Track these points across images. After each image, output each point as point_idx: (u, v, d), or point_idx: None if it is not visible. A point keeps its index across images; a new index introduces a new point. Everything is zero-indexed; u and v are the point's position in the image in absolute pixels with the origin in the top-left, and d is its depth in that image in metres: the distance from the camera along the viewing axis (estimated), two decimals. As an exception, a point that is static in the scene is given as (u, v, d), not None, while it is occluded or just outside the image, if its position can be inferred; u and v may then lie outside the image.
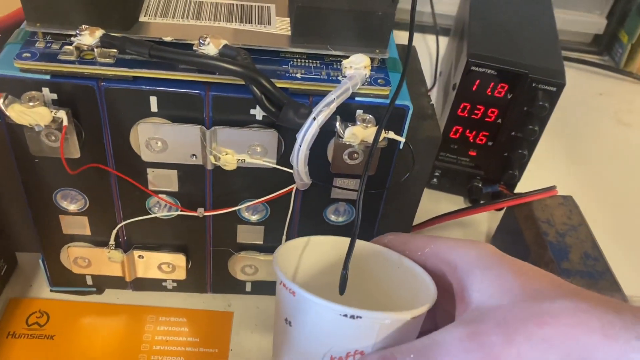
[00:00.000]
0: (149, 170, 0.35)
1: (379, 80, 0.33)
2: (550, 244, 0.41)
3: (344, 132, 0.31)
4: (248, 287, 0.43)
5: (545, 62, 0.46)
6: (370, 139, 0.31)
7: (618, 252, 0.43)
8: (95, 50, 0.30)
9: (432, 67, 0.68)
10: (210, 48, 0.31)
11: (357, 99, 0.32)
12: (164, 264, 0.40)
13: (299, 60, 0.33)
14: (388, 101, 0.32)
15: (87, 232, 0.38)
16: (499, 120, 0.48)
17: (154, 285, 0.42)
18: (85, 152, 0.33)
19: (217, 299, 0.43)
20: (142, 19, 0.33)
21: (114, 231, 0.38)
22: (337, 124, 0.31)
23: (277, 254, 0.31)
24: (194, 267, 0.41)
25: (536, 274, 0.27)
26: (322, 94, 0.32)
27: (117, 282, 0.41)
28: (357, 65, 0.32)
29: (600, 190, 0.58)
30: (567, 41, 0.80)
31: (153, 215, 0.37)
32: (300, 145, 0.30)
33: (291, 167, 0.33)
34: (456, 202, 0.54)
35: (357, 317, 0.26)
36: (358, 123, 0.31)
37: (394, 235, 0.33)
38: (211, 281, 0.42)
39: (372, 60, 0.33)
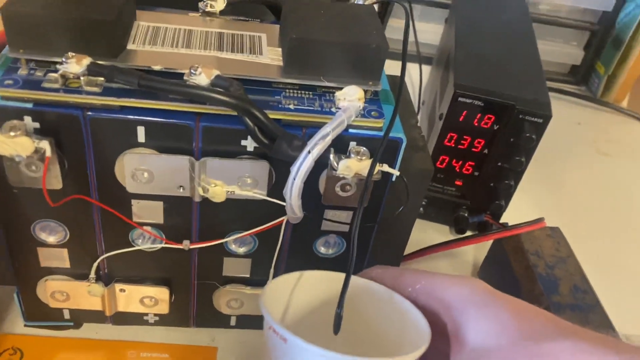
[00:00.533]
0: (133, 201, 0.34)
1: (372, 113, 0.32)
2: (540, 277, 0.41)
3: (337, 165, 0.31)
4: (232, 321, 0.41)
5: (532, 94, 0.47)
6: (364, 172, 0.31)
7: (603, 282, 0.43)
8: (82, 78, 0.29)
9: (415, 96, 0.68)
10: (202, 78, 0.30)
11: (350, 131, 0.32)
12: (146, 297, 0.38)
13: (291, 91, 0.33)
14: (382, 133, 0.32)
15: (67, 264, 0.36)
16: (486, 151, 0.48)
17: (135, 319, 0.40)
18: (67, 183, 0.32)
19: (201, 334, 0.42)
20: (130, 46, 0.32)
21: (95, 264, 0.36)
22: (331, 156, 0.31)
23: (264, 295, 0.30)
24: (177, 300, 0.39)
25: (531, 311, 0.27)
26: (316, 126, 0.31)
27: (96, 316, 0.40)
28: (350, 98, 0.31)
29: (582, 220, 0.58)
30: (545, 71, 0.81)
31: (137, 248, 0.36)
32: (294, 179, 0.29)
33: (282, 199, 0.32)
34: (442, 231, 0.54)
35: None
36: (352, 156, 0.31)
37: (381, 269, 0.33)
38: (195, 315, 0.41)
39: (365, 92, 0.33)
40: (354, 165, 0.31)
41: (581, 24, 0.79)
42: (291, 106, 0.32)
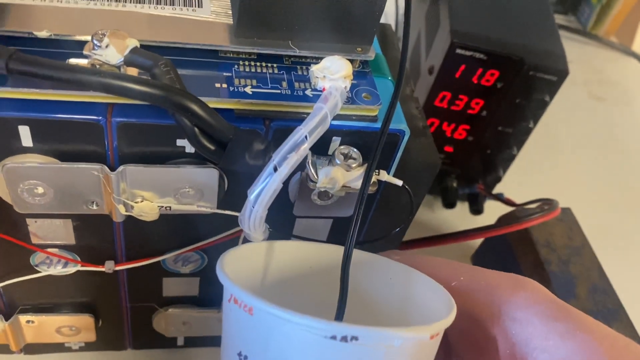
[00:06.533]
0: (29, 220, 0.24)
1: (363, 95, 0.23)
2: (554, 277, 0.34)
3: (317, 175, 0.22)
4: (180, 341, 0.33)
5: (543, 44, 0.38)
6: (354, 184, 0.22)
7: (614, 266, 0.37)
8: None
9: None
10: (111, 53, 0.20)
11: (333, 122, 0.22)
12: (64, 327, 0.30)
13: (247, 63, 0.23)
14: (377, 125, 0.23)
15: (-53, 296, 0.27)
16: (484, 113, 0.40)
17: (54, 347, 0.32)
18: None
19: (140, 357, 0.33)
20: (0, -2, 0.22)
21: (-13, 295, 0.27)
22: (308, 162, 0.22)
23: (223, 260, 0.21)
24: (106, 325, 0.31)
25: (620, 341, 0.20)
26: (285, 117, 0.22)
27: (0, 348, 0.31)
28: (334, 76, 0.22)
29: (579, 186, 0.52)
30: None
31: (42, 274, 0.26)
32: (253, 206, 0.20)
33: (237, 209, 0.24)
34: (426, 202, 0.46)
35: (353, 338, 0.17)
36: (338, 162, 0.22)
37: (399, 256, 0.25)
38: (131, 338, 0.32)
39: (351, 62, 0.23)
40: (340, 176, 0.22)
41: (574, -56, 0.69)
42: (248, 89, 0.22)
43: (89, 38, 0.20)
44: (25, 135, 0.21)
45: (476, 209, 0.44)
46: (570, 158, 0.54)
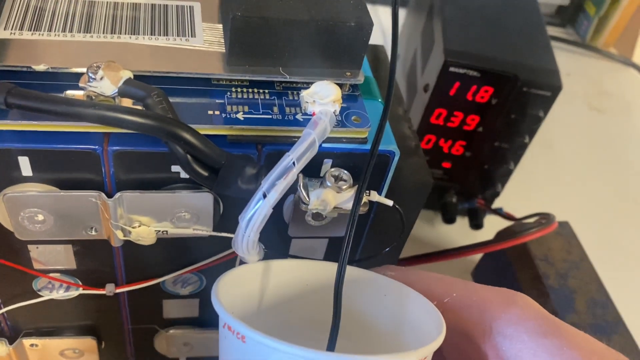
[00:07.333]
0: (30, 247, 0.25)
1: (352, 118, 0.24)
2: (552, 291, 0.34)
3: (308, 198, 0.22)
4: (182, 361, 0.34)
5: (537, 60, 0.38)
6: (345, 205, 0.23)
7: (613, 279, 0.37)
8: None
9: (387, 47, 0.59)
10: (106, 85, 0.20)
11: (324, 145, 0.23)
12: (67, 350, 0.30)
13: (238, 90, 0.24)
14: (367, 147, 0.23)
15: (-48, 322, 0.28)
16: (480, 129, 0.40)
17: (58, 369, 0.32)
18: None
19: (144, 378, 0.34)
20: (0, 34, 0.22)
21: (-9, 320, 0.27)
22: (300, 185, 0.22)
23: (218, 286, 0.22)
24: (109, 347, 0.31)
25: (606, 351, 0.21)
26: (276, 142, 0.22)
27: (5, 372, 0.31)
28: (323, 100, 0.22)
29: (578, 199, 0.52)
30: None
31: (44, 299, 0.27)
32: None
33: (233, 231, 0.24)
34: (427, 217, 0.47)
35: None
36: (329, 184, 0.22)
37: (395, 272, 0.25)
38: (133, 359, 0.33)
39: (340, 86, 0.24)
40: (331, 198, 0.22)
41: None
42: (240, 115, 0.22)
43: (84, 70, 0.21)
44: (24, 165, 0.21)
45: (476, 224, 0.44)
46: (569, 170, 0.54)
